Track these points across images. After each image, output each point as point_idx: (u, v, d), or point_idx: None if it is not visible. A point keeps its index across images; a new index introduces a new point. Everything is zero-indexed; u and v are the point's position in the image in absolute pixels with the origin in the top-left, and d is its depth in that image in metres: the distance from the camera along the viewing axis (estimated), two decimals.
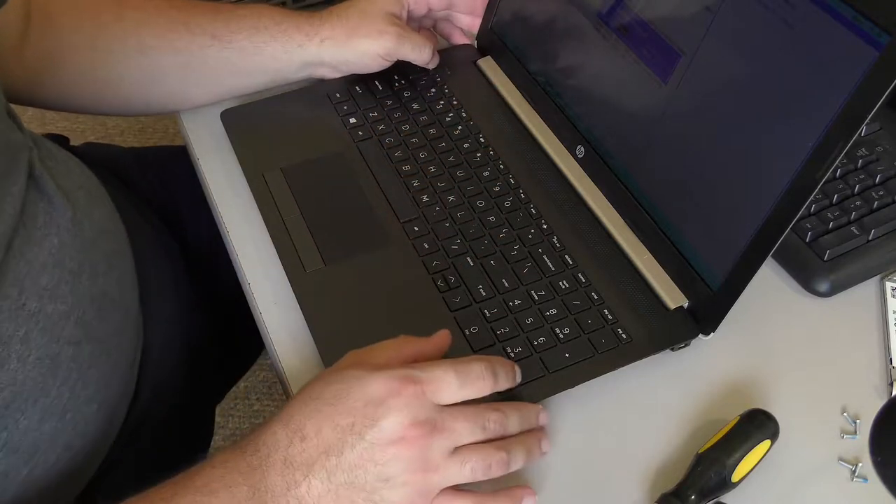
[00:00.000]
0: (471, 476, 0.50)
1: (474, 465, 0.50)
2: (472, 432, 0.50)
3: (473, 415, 0.51)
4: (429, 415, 0.49)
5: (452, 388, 0.50)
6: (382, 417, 0.48)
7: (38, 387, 0.54)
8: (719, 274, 0.59)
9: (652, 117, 0.64)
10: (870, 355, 0.62)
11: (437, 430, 0.49)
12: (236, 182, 0.72)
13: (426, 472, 0.49)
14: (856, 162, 0.69)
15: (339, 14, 0.72)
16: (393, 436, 0.48)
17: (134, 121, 1.81)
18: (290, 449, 0.48)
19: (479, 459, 0.50)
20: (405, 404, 0.48)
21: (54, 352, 0.55)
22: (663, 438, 0.57)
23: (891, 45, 0.48)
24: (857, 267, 0.65)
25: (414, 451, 0.48)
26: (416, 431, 0.48)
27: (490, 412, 0.51)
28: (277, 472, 0.48)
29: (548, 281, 0.64)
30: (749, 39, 0.56)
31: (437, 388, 0.50)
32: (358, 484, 0.48)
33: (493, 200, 0.69)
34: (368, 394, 0.49)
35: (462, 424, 0.50)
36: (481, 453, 0.50)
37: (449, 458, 0.50)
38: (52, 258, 0.56)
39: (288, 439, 0.48)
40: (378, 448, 0.48)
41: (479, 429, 0.51)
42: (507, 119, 0.77)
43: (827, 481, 0.55)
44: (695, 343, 0.61)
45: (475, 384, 0.51)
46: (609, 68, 0.68)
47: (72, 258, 0.57)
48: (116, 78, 0.71)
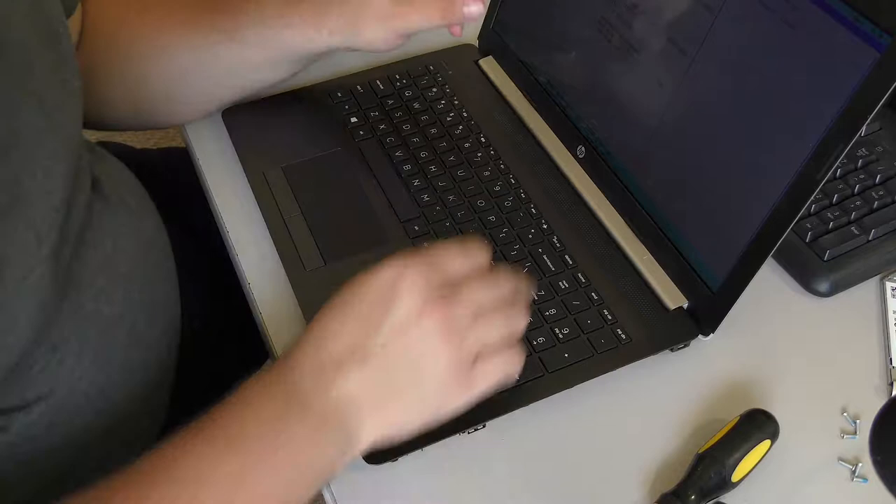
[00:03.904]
0: (497, 333, 0.51)
1: (499, 321, 0.51)
2: (487, 290, 0.51)
3: (483, 276, 0.51)
4: (441, 287, 0.49)
5: (455, 255, 0.51)
6: (397, 301, 0.48)
7: (94, 386, 0.55)
8: (719, 274, 0.59)
9: (653, 117, 0.64)
10: (870, 355, 0.62)
11: (452, 298, 0.49)
12: (237, 181, 0.72)
13: (456, 341, 0.49)
14: (856, 162, 0.69)
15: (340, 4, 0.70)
16: (411, 317, 0.48)
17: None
18: (319, 354, 0.48)
19: (503, 316, 0.51)
20: (413, 283, 0.48)
21: (109, 354, 0.56)
22: (663, 438, 0.57)
23: (891, 46, 0.48)
24: (857, 267, 0.65)
25: (437, 323, 0.48)
26: (432, 306, 0.48)
27: (498, 272, 0.52)
28: (310, 377, 0.47)
29: (547, 281, 0.64)
30: (750, 40, 0.56)
31: (440, 258, 0.50)
32: (393, 369, 0.48)
33: (494, 200, 0.69)
34: (379, 283, 0.49)
35: (476, 285, 0.50)
36: (503, 309, 0.51)
37: (473, 321, 0.49)
38: (108, 261, 0.57)
39: (314, 346, 0.48)
40: (402, 331, 0.48)
41: (494, 286, 0.51)
42: (508, 119, 0.77)
43: (827, 481, 0.56)
44: (694, 343, 0.61)
45: (476, 250, 0.52)
46: (610, 68, 0.68)
47: (125, 263, 0.59)
48: (139, 79, 0.71)
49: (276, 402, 0.47)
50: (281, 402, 0.47)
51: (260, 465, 0.44)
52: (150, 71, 0.70)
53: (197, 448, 0.44)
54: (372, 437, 0.48)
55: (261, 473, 0.44)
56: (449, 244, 0.51)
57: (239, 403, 0.47)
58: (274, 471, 0.45)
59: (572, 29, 0.72)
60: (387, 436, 0.49)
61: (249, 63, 0.71)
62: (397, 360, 0.48)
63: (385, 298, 0.48)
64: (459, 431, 0.56)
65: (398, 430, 0.49)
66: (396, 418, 0.49)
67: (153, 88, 0.71)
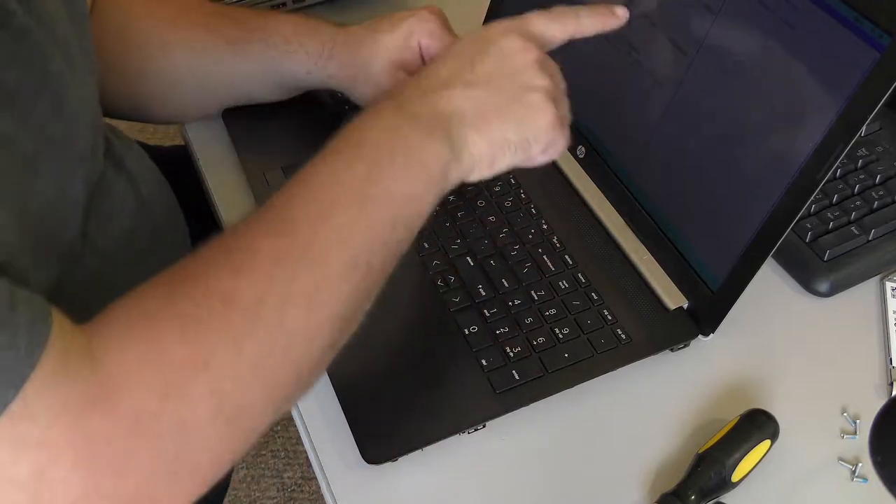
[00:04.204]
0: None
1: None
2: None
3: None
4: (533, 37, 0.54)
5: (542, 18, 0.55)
6: (500, 39, 0.53)
7: None
8: (719, 274, 0.59)
9: (652, 118, 0.64)
10: (870, 355, 0.62)
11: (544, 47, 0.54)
12: (237, 181, 0.72)
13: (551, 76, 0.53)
14: (856, 162, 0.69)
15: (348, 48, 0.70)
16: (514, 49, 0.52)
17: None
18: (425, 81, 0.52)
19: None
20: (507, 27, 0.54)
21: None
22: (663, 438, 0.57)
23: (891, 46, 0.48)
24: (857, 267, 0.65)
25: (537, 57, 0.53)
26: (530, 44, 0.53)
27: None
28: (417, 97, 0.51)
29: (548, 281, 0.64)
30: (750, 40, 0.56)
31: (528, 20, 0.55)
32: (497, 90, 0.51)
33: (494, 200, 0.69)
34: (476, 35, 0.54)
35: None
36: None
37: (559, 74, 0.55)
38: (126, 234, 0.57)
39: (420, 77, 0.52)
40: (506, 59, 0.52)
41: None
42: None
43: (827, 481, 0.56)
44: (694, 343, 0.61)
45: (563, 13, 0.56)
46: (610, 68, 0.68)
47: (142, 238, 0.59)
48: (138, 71, 0.71)
49: (388, 118, 0.50)
50: (393, 118, 0.50)
51: (382, 165, 0.48)
52: (149, 66, 0.70)
53: (327, 161, 0.48)
54: (477, 151, 0.51)
55: (384, 173, 0.48)
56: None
57: (354, 127, 0.50)
58: (395, 170, 0.48)
59: None
60: (489, 156, 0.51)
61: (247, 77, 0.71)
62: (500, 82, 0.51)
63: (487, 40, 0.53)
64: (459, 431, 0.56)
65: (499, 150, 0.52)
66: (498, 135, 0.51)
67: (151, 83, 0.71)
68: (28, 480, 0.36)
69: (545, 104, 0.52)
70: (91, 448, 0.37)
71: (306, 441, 0.58)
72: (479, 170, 0.52)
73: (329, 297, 0.44)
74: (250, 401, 0.42)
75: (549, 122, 0.52)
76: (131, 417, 0.38)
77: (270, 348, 0.42)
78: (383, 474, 0.55)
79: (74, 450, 0.37)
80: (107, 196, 0.57)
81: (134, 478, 0.39)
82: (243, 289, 0.42)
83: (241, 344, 0.41)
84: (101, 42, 0.69)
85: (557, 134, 0.53)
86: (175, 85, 0.72)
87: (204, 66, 0.71)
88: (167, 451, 0.39)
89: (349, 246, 0.45)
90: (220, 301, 0.42)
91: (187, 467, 0.40)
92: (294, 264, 0.44)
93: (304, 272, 0.44)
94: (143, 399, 0.39)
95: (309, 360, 0.45)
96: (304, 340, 0.44)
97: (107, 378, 0.38)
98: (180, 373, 0.40)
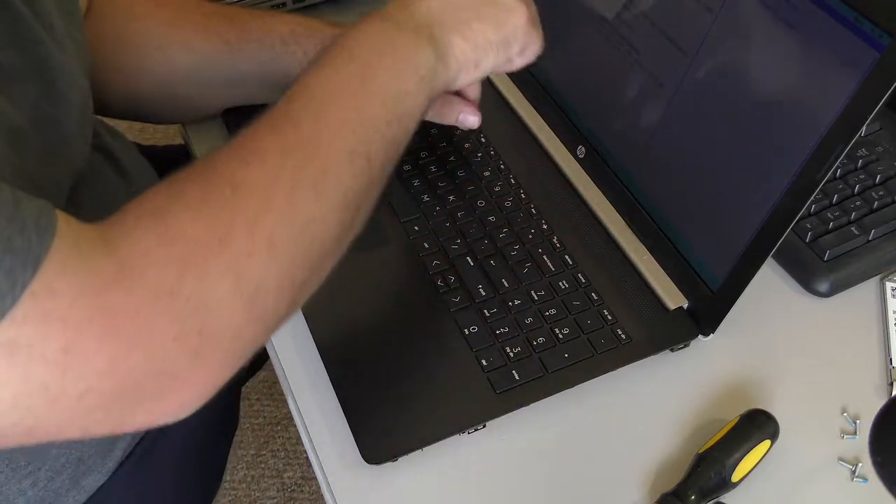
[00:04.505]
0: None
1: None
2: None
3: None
4: None
5: None
6: None
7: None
8: (719, 274, 0.59)
9: (652, 117, 0.64)
10: (870, 355, 0.62)
11: None
12: None
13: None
14: (856, 162, 0.69)
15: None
16: None
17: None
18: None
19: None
20: None
21: None
22: (663, 438, 0.57)
23: (891, 46, 0.48)
24: (857, 267, 0.65)
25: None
26: None
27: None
28: (400, 9, 0.54)
29: (547, 281, 0.64)
30: (750, 40, 0.56)
31: None
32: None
33: (494, 201, 0.69)
34: None
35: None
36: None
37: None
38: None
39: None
40: None
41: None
42: (508, 119, 0.77)
43: (827, 481, 0.56)
44: (694, 343, 0.61)
45: None
46: (610, 68, 0.68)
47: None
48: (135, 70, 0.71)
49: (375, 26, 0.53)
50: (379, 25, 0.53)
51: (373, 65, 0.51)
52: (147, 66, 0.70)
53: (321, 66, 0.51)
54: (461, 53, 0.55)
55: (376, 71, 0.51)
56: None
57: (343, 37, 0.52)
58: (385, 69, 0.51)
59: (572, 29, 0.72)
60: (474, 58, 0.55)
61: (245, 77, 0.71)
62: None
63: None
64: (459, 431, 0.56)
65: (482, 52, 0.55)
66: (479, 36, 0.55)
67: (149, 83, 0.71)
68: (57, 356, 0.37)
69: (518, 4, 0.57)
70: (113, 323, 0.38)
71: (306, 441, 0.58)
72: (465, 72, 0.55)
73: (334, 183, 0.47)
74: (268, 280, 0.43)
75: (524, 21, 0.57)
76: (151, 293, 0.39)
77: (283, 230, 0.44)
78: (383, 474, 0.55)
79: (98, 325, 0.38)
80: (94, 185, 0.58)
81: (158, 353, 0.40)
82: (253, 177, 0.44)
83: (253, 224, 0.43)
84: (100, 42, 0.69)
85: (533, 33, 0.58)
86: (173, 85, 0.72)
87: (201, 67, 0.71)
88: (189, 326, 0.40)
89: (348, 137, 0.48)
90: (231, 188, 0.43)
91: (210, 345, 0.41)
92: (299, 154, 0.46)
93: (309, 161, 0.46)
94: (161, 276, 0.40)
95: (320, 248, 0.46)
96: (314, 225, 0.46)
97: (124, 258, 0.40)
98: (196, 251, 0.41)
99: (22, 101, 0.47)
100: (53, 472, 0.59)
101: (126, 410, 0.41)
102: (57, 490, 0.60)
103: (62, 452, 0.59)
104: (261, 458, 1.43)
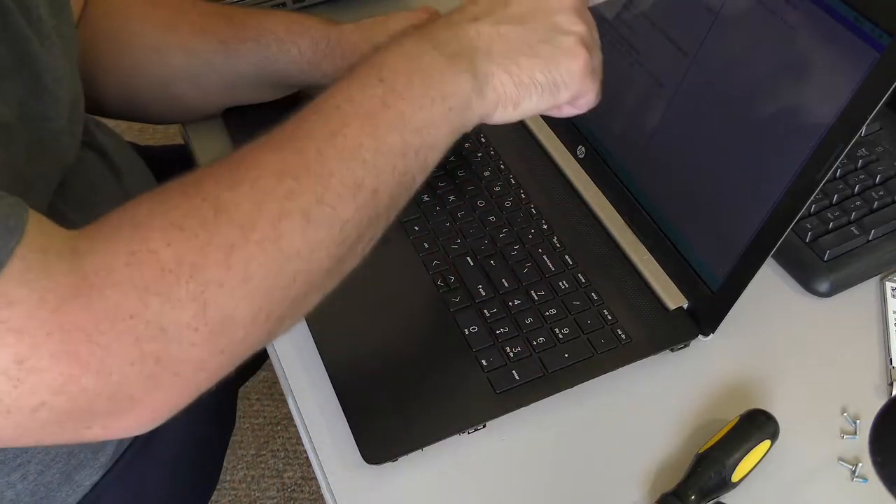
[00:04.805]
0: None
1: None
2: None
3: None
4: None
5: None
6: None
7: None
8: (719, 274, 0.59)
9: (652, 117, 0.64)
10: (870, 355, 0.62)
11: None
12: None
13: (587, 24, 0.52)
14: (856, 162, 0.69)
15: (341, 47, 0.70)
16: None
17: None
18: (454, 15, 0.51)
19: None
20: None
21: None
22: (663, 438, 0.57)
23: (891, 46, 0.48)
24: (857, 267, 0.65)
25: (573, 3, 0.51)
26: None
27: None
28: (444, 28, 0.50)
29: (548, 281, 0.64)
30: (750, 40, 0.56)
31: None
32: (528, 30, 0.50)
33: (494, 201, 0.69)
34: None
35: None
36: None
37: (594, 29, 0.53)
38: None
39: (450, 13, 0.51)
40: (540, 1, 0.51)
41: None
42: None
43: (827, 481, 0.56)
44: (694, 343, 0.61)
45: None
46: (610, 68, 0.68)
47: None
48: (132, 71, 0.71)
49: (411, 45, 0.49)
50: (415, 45, 0.49)
51: (398, 90, 0.47)
52: (144, 67, 0.71)
53: (345, 83, 0.47)
54: (502, 88, 0.49)
55: (399, 97, 0.46)
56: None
57: (378, 52, 0.49)
58: (411, 96, 0.47)
59: None
60: (515, 96, 0.50)
61: (241, 77, 0.71)
62: (534, 21, 0.50)
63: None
64: (459, 431, 0.56)
65: (525, 91, 0.50)
66: (525, 74, 0.50)
67: (146, 84, 0.71)
68: (10, 367, 0.37)
69: (578, 48, 0.51)
70: (69, 340, 0.37)
71: (306, 441, 0.58)
72: (503, 109, 0.50)
73: (328, 216, 0.43)
74: (237, 314, 0.41)
75: (580, 68, 0.51)
76: (110, 314, 0.38)
77: (262, 262, 0.41)
78: (383, 474, 0.55)
79: (53, 341, 0.37)
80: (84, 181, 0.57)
81: (113, 376, 0.39)
82: (239, 201, 0.42)
83: (231, 255, 0.40)
84: (97, 43, 0.69)
85: (588, 84, 0.52)
86: (170, 85, 0.72)
87: (198, 67, 0.71)
88: (146, 352, 0.39)
89: (355, 167, 0.45)
90: (213, 211, 0.41)
91: (168, 372, 0.40)
92: (295, 180, 0.43)
93: (305, 189, 0.43)
94: (123, 297, 0.38)
95: (305, 282, 0.44)
96: (299, 259, 0.43)
97: (88, 274, 0.38)
98: (164, 275, 0.39)
99: (8, 97, 0.47)
100: (43, 466, 0.59)
101: (80, 426, 0.40)
102: (48, 484, 0.60)
103: (51, 446, 0.59)
104: (261, 458, 1.43)
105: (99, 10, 0.70)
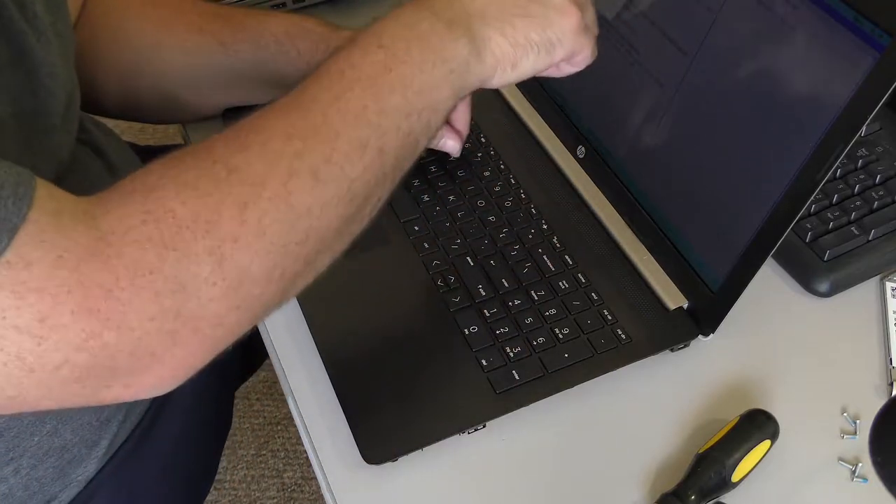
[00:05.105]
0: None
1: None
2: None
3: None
4: None
5: None
6: None
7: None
8: (719, 274, 0.59)
9: (652, 117, 0.64)
10: (870, 355, 0.62)
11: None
12: None
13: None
14: (856, 162, 0.69)
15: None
16: None
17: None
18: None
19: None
20: None
21: None
22: (663, 438, 0.57)
23: (891, 46, 0.48)
24: (857, 267, 0.65)
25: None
26: None
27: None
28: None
29: (547, 281, 0.64)
30: (750, 40, 0.56)
31: None
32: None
33: (494, 201, 0.69)
34: None
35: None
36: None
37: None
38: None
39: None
40: None
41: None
42: (508, 119, 0.77)
43: (827, 481, 0.56)
44: (694, 343, 0.61)
45: None
46: (610, 68, 0.68)
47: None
48: (131, 71, 0.71)
49: (408, 15, 0.50)
50: (413, 14, 0.50)
51: (398, 55, 0.48)
52: (142, 67, 0.70)
53: (346, 51, 0.49)
54: (499, 50, 0.51)
55: (400, 61, 0.48)
56: None
57: (377, 22, 0.50)
58: (411, 60, 0.48)
59: None
60: (512, 57, 0.51)
61: (239, 77, 0.71)
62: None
63: None
64: (459, 431, 0.56)
65: (522, 51, 0.52)
66: (520, 34, 0.51)
67: (145, 84, 0.71)
68: (33, 325, 0.37)
69: (569, 6, 0.52)
70: (89, 297, 0.38)
71: (306, 441, 0.58)
72: (501, 71, 0.52)
73: (336, 174, 0.45)
74: (253, 269, 0.42)
75: (573, 25, 0.52)
76: (129, 270, 0.39)
77: (275, 219, 0.43)
78: (383, 474, 0.55)
79: (73, 298, 0.38)
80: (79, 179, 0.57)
81: (135, 331, 0.39)
82: (250, 161, 0.43)
83: (244, 211, 0.42)
84: (96, 42, 0.69)
85: (582, 40, 0.54)
86: (169, 86, 0.72)
87: (196, 68, 0.71)
88: (166, 307, 0.40)
89: (360, 127, 0.46)
90: (226, 170, 0.42)
91: (187, 328, 0.41)
92: (302, 140, 0.44)
93: (312, 149, 0.44)
94: (141, 253, 0.39)
95: (316, 239, 0.45)
96: (310, 216, 0.44)
97: (105, 234, 0.39)
98: (181, 231, 0.40)
99: (2, 91, 0.47)
100: (36, 460, 0.59)
101: (102, 384, 0.41)
102: (41, 479, 0.60)
103: (44, 440, 0.59)
104: (261, 458, 1.43)
105: (98, 10, 0.70)
